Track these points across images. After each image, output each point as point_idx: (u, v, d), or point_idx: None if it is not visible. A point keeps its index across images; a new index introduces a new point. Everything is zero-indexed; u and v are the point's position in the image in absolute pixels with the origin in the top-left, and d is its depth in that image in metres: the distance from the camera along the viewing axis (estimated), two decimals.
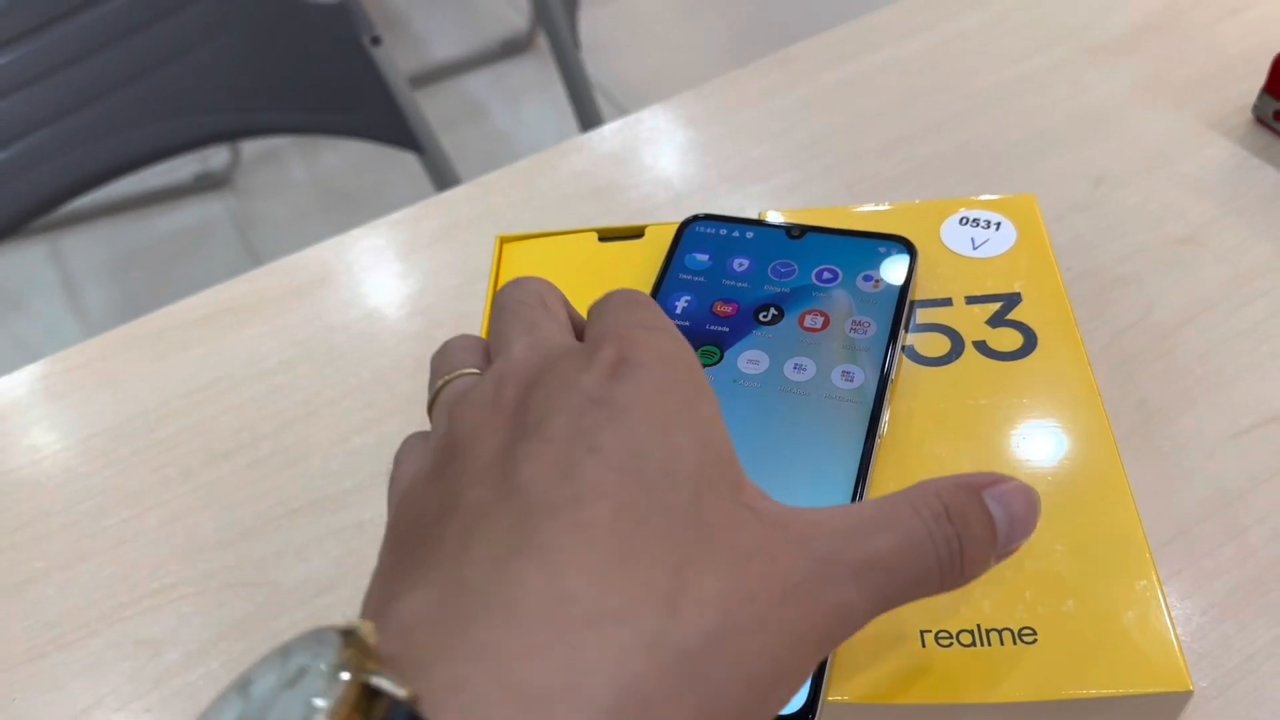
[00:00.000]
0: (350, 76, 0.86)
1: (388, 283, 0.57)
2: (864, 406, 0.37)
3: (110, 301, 1.69)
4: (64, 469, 0.50)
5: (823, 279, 0.42)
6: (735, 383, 0.38)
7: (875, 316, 0.40)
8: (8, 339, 1.64)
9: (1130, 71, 0.62)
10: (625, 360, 0.26)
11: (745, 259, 0.43)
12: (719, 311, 0.41)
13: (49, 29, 0.80)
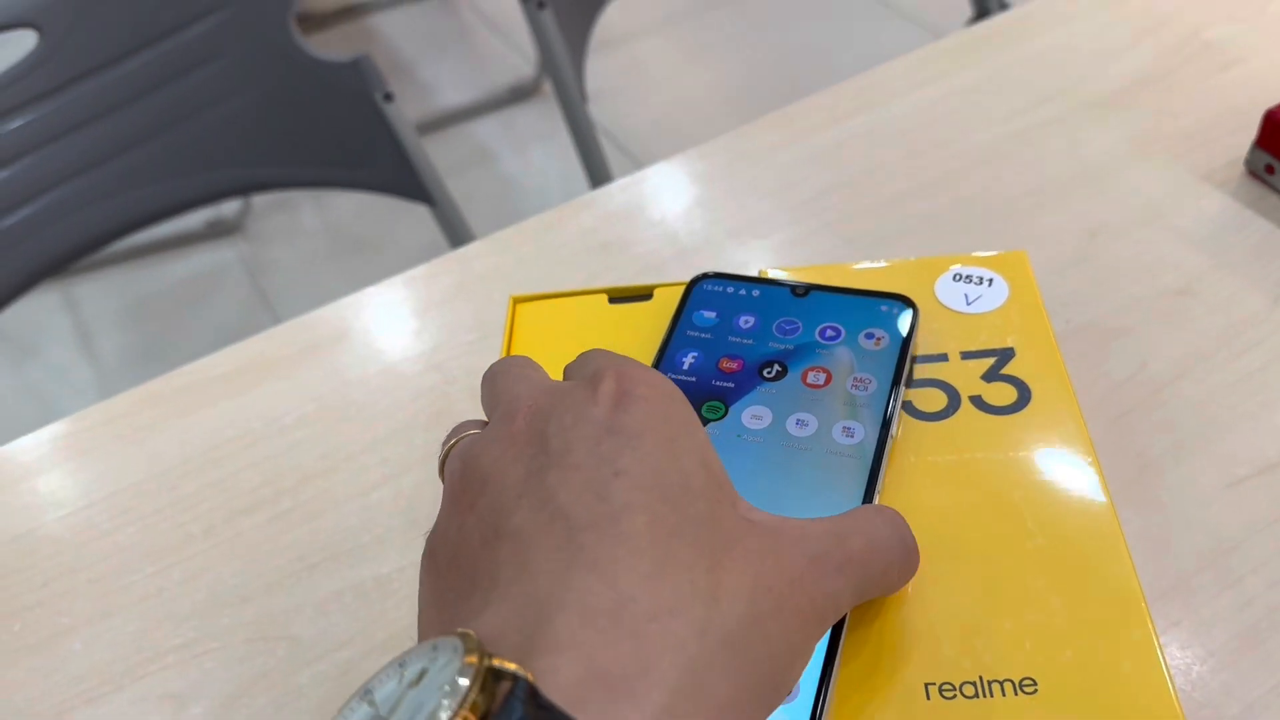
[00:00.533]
0: (363, 132, 0.88)
1: (403, 338, 0.58)
2: (863, 462, 0.38)
3: (123, 348, 1.71)
4: (89, 525, 0.51)
5: (826, 336, 0.43)
6: (739, 438, 0.39)
7: (876, 373, 0.41)
8: (22, 386, 1.66)
9: (1124, 125, 0.64)
10: (626, 393, 0.30)
11: (751, 316, 0.44)
12: (725, 368, 0.42)
13: (70, 88, 0.83)
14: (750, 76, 2.04)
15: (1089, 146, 0.63)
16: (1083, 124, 0.64)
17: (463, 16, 2.27)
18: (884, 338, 0.43)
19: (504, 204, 1.84)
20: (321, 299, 1.81)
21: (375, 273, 1.78)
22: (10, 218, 0.82)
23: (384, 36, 2.24)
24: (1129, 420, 0.48)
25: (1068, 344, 0.50)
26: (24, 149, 0.81)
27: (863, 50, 2.05)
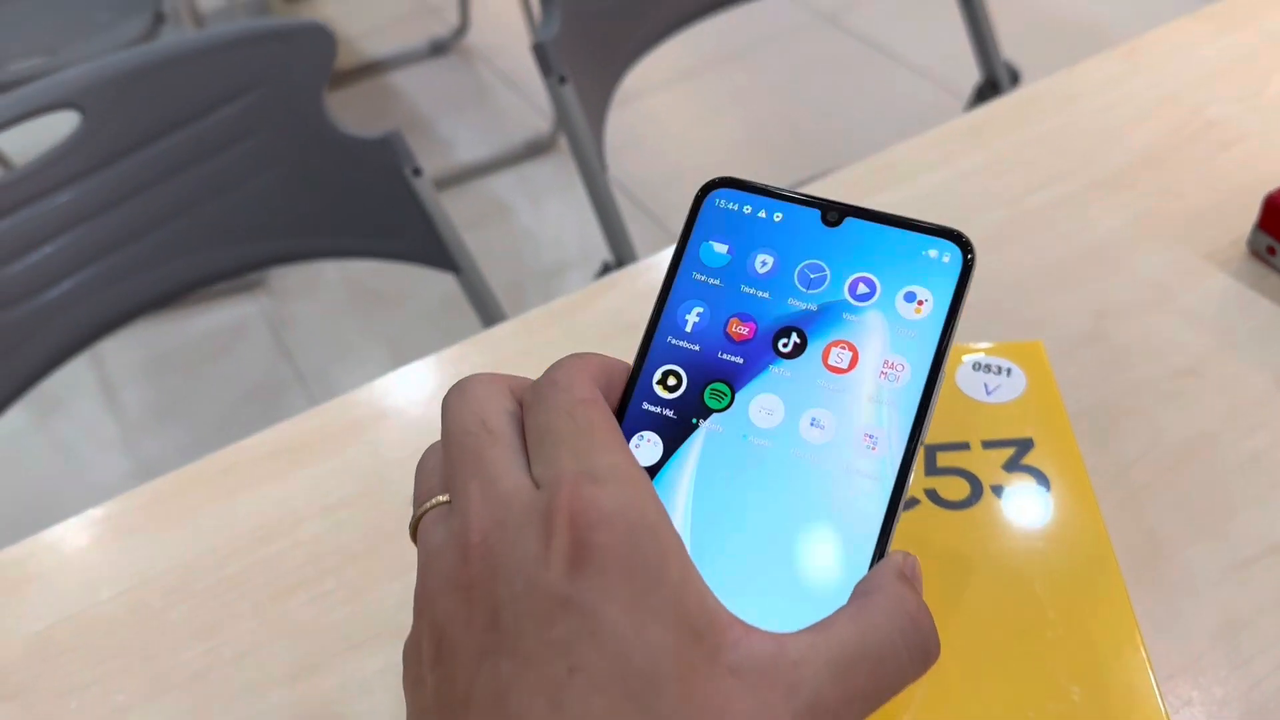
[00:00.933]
0: (393, 204, 0.90)
1: (438, 420, 0.60)
2: (882, 488, 0.33)
3: (147, 402, 1.74)
4: (141, 604, 0.53)
5: (857, 294, 0.35)
6: (745, 439, 0.34)
7: (911, 356, 0.34)
8: (49, 440, 1.69)
9: (1130, 206, 0.66)
10: (583, 546, 0.26)
11: (770, 254, 0.36)
12: (734, 333, 0.35)
13: (111, 165, 0.86)
14: (763, 130, 2.07)
15: (1096, 227, 0.65)
16: (1090, 204, 0.67)
17: (480, 74, 2.32)
18: (927, 301, 0.35)
19: (521, 257, 1.87)
20: (342, 352, 1.84)
21: (395, 327, 1.82)
22: (54, 290, 0.84)
23: (404, 94, 2.28)
24: (1141, 500, 0.50)
25: (1079, 423, 0.52)
26: (68, 224, 0.84)
27: (873, 104, 2.09)
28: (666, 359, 0.35)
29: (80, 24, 1.77)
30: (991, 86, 1.13)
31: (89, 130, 0.84)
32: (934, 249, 0.36)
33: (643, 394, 0.35)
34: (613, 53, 1.09)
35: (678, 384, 0.35)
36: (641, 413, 0.35)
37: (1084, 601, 0.39)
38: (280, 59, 0.86)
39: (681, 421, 0.34)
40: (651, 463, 0.33)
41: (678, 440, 0.34)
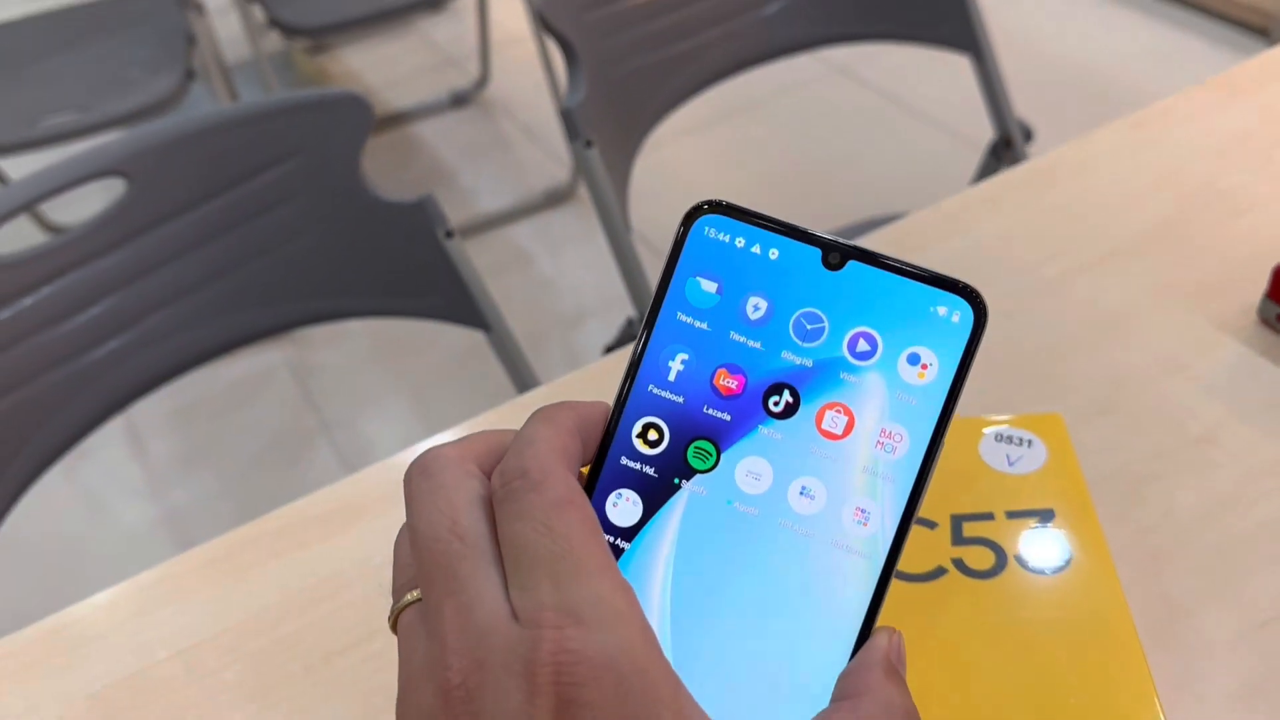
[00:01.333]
0: (426, 265, 0.93)
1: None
2: (873, 566, 0.31)
3: (172, 450, 1.77)
4: (197, 664, 0.56)
5: (856, 352, 0.32)
6: (729, 504, 0.32)
7: (911, 425, 0.32)
8: (77, 488, 1.72)
9: (1144, 275, 0.69)
10: (568, 704, 0.25)
11: (764, 297, 0.33)
12: (722, 386, 0.33)
13: (155, 229, 0.89)
14: (779, 181, 2.11)
15: (1111, 296, 0.68)
16: (1103, 274, 0.69)
17: (500, 125, 2.36)
18: (931, 365, 0.32)
19: (541, 305, 1.90)
20: (366, 402, 1.86)
21: (418, 377, 1.85)
22: (99, 350, 0.87)
23: (425, 144, 2.33)
24: (1158, 564, 0.52)
25: (1097, 489, 0.55)
26: (113, 286, 0.87)
27: (888, 155, 2.12)
28: (647, 410, 0.33)
29: (112, 81, 1.81)
30: (1005, 144, 1.16)
31: (135, 196, 0.87)
32: (943, 305, 0.33)
33: (621, 447, 0.32)
34: (636, 115, 1.12)
35: (659, 439, 0.32)
36: (620, 468, 0.32)
37: (1104, 668, 0.41)
38: (320, 127, 0.90)
39: (663, 481, 0.32)
40: (630, 524, 0.32)
41: (658, 501, 0.32)
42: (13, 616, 0.73)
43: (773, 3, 1.15)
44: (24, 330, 0.83)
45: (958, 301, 0.33)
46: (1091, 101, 2.15)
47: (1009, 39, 2.16)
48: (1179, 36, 2.30)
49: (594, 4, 1.06)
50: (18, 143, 1.70)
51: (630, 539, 0.32)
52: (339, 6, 1.91)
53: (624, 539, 0.32)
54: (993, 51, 1.13)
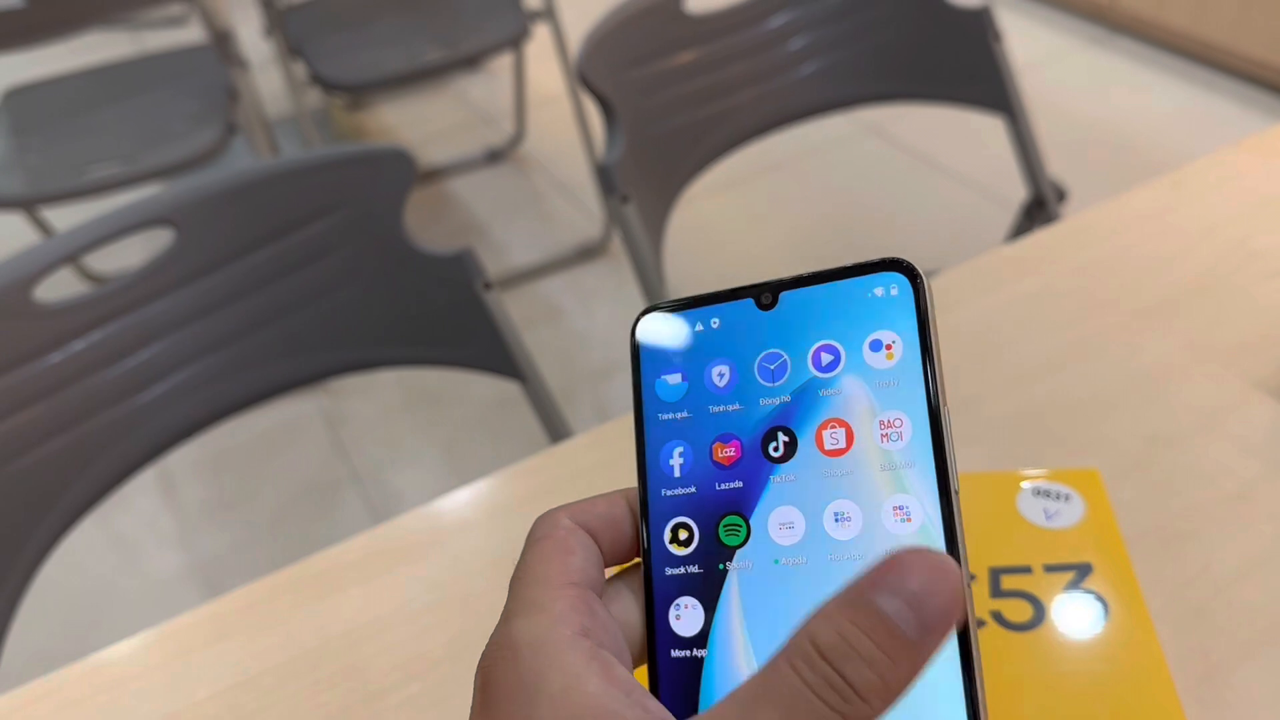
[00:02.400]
0: (464, 317, 0.95)
1: (521, 528, 0.64)
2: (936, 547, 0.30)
3: (204, 499, 1.78)
4: (236, 706, 0.56)
5: (823, 366, 0.33)
6: (777, 564, 0.31)
7: (904, 405, 0.31)
8: (108, 535, 1.73)
9: (1176, 335, 0.69)
10: (484, 683, 0.28)
11: (722, 363, 0.34)
12: (722, 458, 0.33)
13: (202, 278, 0.91)
14: (809, 237, 2.12)
15: (1145, 354, 0.68)
16: (1139, 331, 0.70)
17: (534, 181, 2.40)
18: (895, 343, 0.32)
19: (571, 358, 1.91)
20: (397, 452, 1.88)
21: (449, 427, 1.86)
22: (142, 396, 0.89)
23: (461, 199, 2.36)
24: (1195, 621, 0.52)
25: (1134, 546, 0.55)
26: (157, 334, 0.89)
27: (918, 213, 2.14)
28: (669, 513, 0.33)
29: (157, 134, 1.86)
30: (1038, 204, 1.17)
31: (182, 245, 0.89)
32: (878, 286, 0.33)
33: (661, 559, 0.33)
34: (672, 172, 1.14)
35: (690, 535, 0.33)
36: (668, 580, 0.33)
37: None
38: (364, 181, 0.92)
39: (708, 573, 0.32)
40: (697, 630, 0.32)
41: (713, 594, 0.32)
42: (42, 658, 0.74)
43: (808, 64, 1.17)
44: (71, 375, 0.85)
45: (889, 276, 0.33)
46: (1123, 163, 2.16)
47: (1041, 100, 2.18)
48: (1210, 99, 2.32)
49: (632, 64, 1.08)
50: (64, 192, 1.75)
51: (704, 644, 0.31)
52: (378, 65, 1.95)
53: (698, 647, 0.31)
54: (1026, 112, 1.15)
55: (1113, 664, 0.43)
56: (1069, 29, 2.64)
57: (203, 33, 1.96)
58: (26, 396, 0.83)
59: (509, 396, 1.79)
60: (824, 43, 1.17)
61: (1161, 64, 2.45)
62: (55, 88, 2.01)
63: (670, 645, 0.32)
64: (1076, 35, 2.62)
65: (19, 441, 0.82)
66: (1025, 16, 2.73)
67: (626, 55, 1.08)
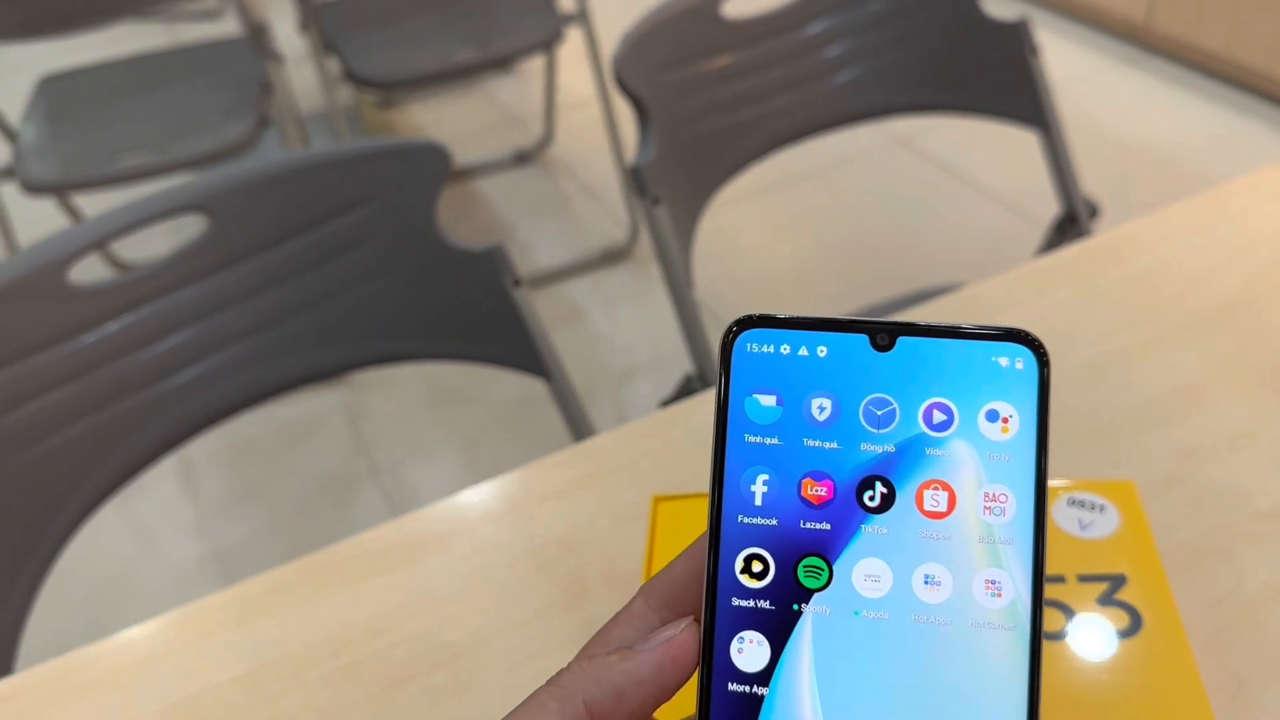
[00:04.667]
0: (493, 313, 0.95)
1: (545, 522, 0.64)
2: (1020, 634, 0.30)
3: (224, 488, 1.79)
4: (259, 688, 0.56)
5: (934, 424, 0.32)
6: (858, 615, 0.31)
7: (1011, 481, 0.31)
8: (127, 522, 1.74)
9: (1214, 349, 0.68)
10: None
11: (825, 396, 0.32)
12: (811, 496, 0.32)
13: (234, 266, 0.91)
14: (836, 248, 2.12)
15: (1181, 369, 0.67)
16: (1176, 346, 0.69)
17: (561, 183, 2.40)
18: (1012, 417, 0.31)
19: (592, 361, 1.91)
20: (417, 448, 1.88)
21: (469, 425, 1.86)
22: (176, 378, 0.89)
23: (488, 200, 2.37)
24: (1226, 638, 0.52)
25: (1165, 560, 0.54)
26: (192, 317, 0.90)
27: (946, 228, 2.13)
28: (744, 542, 0.32)
29: (189, 124, 1.87)
30: (1071, 220, 1.16)
31: (215, 232, 0.90)
32: (1003, 356, 0.32)
33: (728, 589, 0.31)
34: (703, 177, 1.14)
35: (764, 569, 0.31)
36: (733, 610, 0.31)
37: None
38: (399, 174, 0.92)
39: (781, 611, 0.31)
40: (761, 667, 0.31)
41: (784, 633, 0.31)
42: (57, 640, 0.75)
43: (844, 71, 1.17)
44: (102, 358, 0.85)
45: (1016, 349, 0.32)
46: (1154, 183, 2.15)
47: (1072, 118, 2.17)
48: (1244, 122, 2.30)
49: (668, 66, 1.08)
50: (96, 179, 1.76)
51: (766, 682, 0.31)
52: (412, 63, 1.96)
53: (759, 685, 0.31)
54: (1060, 126, 1.14)
55: (1145, 676, 0.43)
56: (1102, 48, 2.64)
57: (237, 27, 1.97)
58: (57, 377, 0.84)
59: (529, 397, 1.79)
60: (861, 51, 1.17)
61: (1195, 86, 2.44)
62: (90, 76, 2.03)
63: (728, 678, 0.31)
64: (1110, 54, 2.61)
65: (48, 422, 0.83)
66: (1058, 34, 2.72)
67: (662, 57, 1.08)
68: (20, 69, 2.38)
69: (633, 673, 0.31)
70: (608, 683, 0.31)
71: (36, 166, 1.77)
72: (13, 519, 0.82)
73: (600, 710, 0.31)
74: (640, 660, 0.31)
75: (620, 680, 0.31)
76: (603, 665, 0.31)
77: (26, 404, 0.81)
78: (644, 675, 0.31)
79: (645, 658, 0.31)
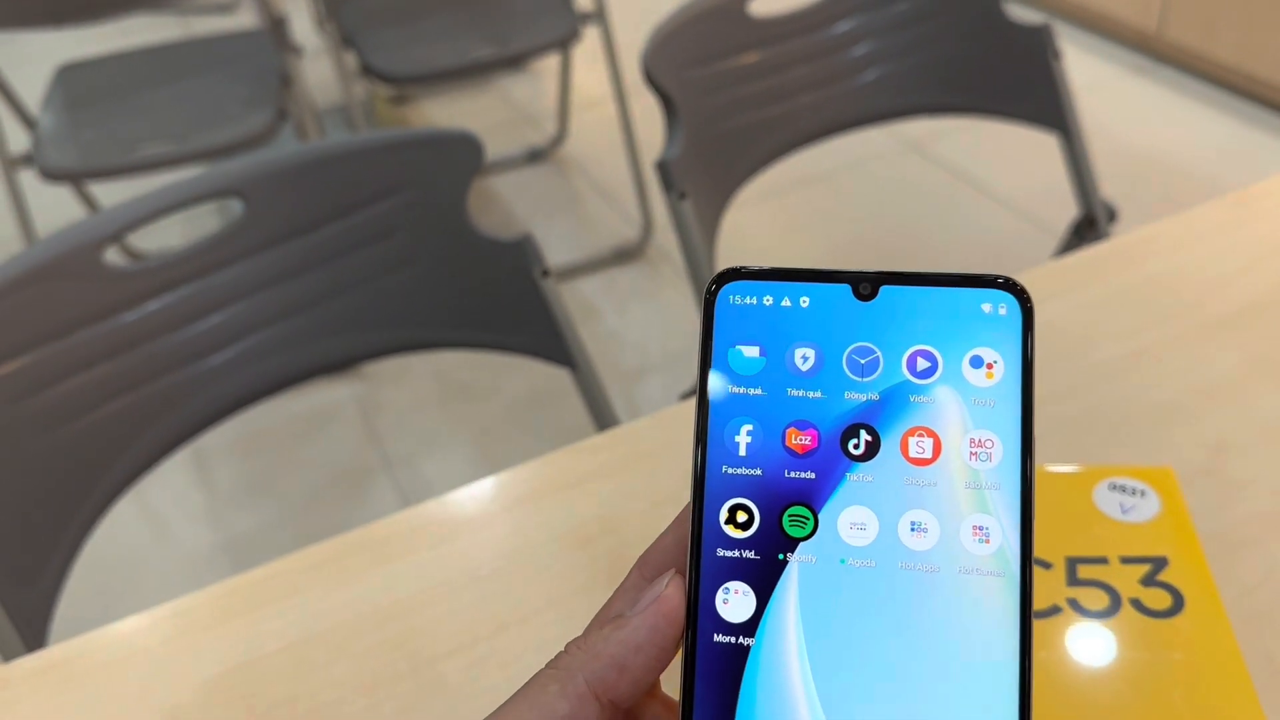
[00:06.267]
0: (521, 302, 0.96)
1: (583, 503, 0.65)
2: (1009, 580, 0.30)
3: (235, 479, 1.80)
4: (306, 658, 0.57)
5: (918, 371, 0.31)
6: (844, 564, 0.30)
7: (997, 427, 0.31)
8: (140, 509, 1.75)
9: (1242, 347, 0.70)
10: None
11: (808, 346, 0.32)
12: (796, 445, 0.31)
13: (269, 250, 0.92)
14: (846, 251, 2.13)
15: (1211, 364, 0.69)
16: (1203, 343, 0.70)
17: (574, 182, 2.41)
18: (997, 363, 0.31)
19: (605, 358, 1.92)
20: (429, 441, 1.89)
21: (482, 419, 1.87)
22: (213, 359, 0.90)
23: (501, 197, 2.38)
24: (1260, 625, 0.53)
25: None
26: (228, 299, 0.91)
27: (956, 233, 2.14)
28: (728, 492, 0.32)
29: (209, 115, 1.88)
30: (1089, 224, 1.17)
31: (251, 216, 0.91)
32: (987, 302, 0.32)
33: (713, 539, 0.31)
34: (727, 173, 1.15)
35: (749, 519, 0.31)
36: (718, 561, 0.31)
37: (1217, 710, 0.42)
38: (431, 163, 0.93)
39: (766, 561, 0.31)
40: (747, 617, 0.31)
41: (769, 583, 0.31)
42: (67, 624, 0.75)
43: (869, 71, 1.18)
44: (131, 340, 0.86)
45: (999, 295, 0.32)
46: (1165, 192, 2.17)
47: (1085, 126, 2.18)
48: (1254, 133, 2.32)
49: (696, 63, 1.10)
50: (115, 167, 1.77)
51: (752, 633, 0.31)
52: (429, 59, 1.97)
53: (745, 635, 0.31)
54: (1080, 130, 1.15)
55: (1189, 653, 0.44)
56: (1114, 57, 2.65)
57: (250, 22, 1.98)
58: (91, 357, 0.85)
59: (543, 392, 1.80)
60: (886, 51, 1.18)
61: (1206, 96, 2.45)
62: (109, 65, 2.04)
63: (714, 629, 0.31)
64: (1121, 64, 2.62)
65: (83, 402, 0.84)
66: (1070, 43, 2.73)
67: (690, 54, 1.10)
68: (35, 59, 2.38)
69: (628, 640, 0.31)
70: (606, 656, 0.31)
71: (55, 154, 1.78)
72: (48, 496, 0.83)
73: (603, 685, 0.31)
74: (633, 626, 0.31)
75: (618, 651, 0.31)
76: (598, 640, 0.31)
77: (62, 382, 0.82)
78: (640, 640, 0.31)
79: (638, 622, 0.31)
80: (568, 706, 0.30)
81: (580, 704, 0.30)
